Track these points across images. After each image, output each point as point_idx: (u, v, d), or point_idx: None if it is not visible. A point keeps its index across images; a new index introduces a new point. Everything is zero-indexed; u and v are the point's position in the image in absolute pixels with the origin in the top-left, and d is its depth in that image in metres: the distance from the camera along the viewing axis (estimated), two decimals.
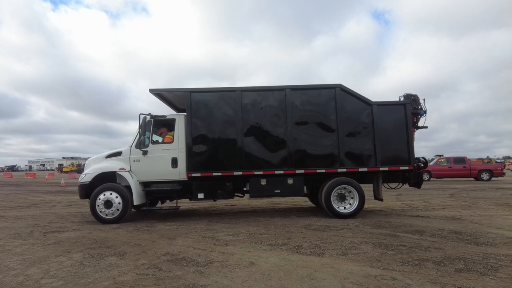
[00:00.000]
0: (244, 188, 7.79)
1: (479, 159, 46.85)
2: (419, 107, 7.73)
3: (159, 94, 7.89)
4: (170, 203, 8.73)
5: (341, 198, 7.38)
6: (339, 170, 7.40)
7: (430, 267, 3.87)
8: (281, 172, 7.37)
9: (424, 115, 7.75)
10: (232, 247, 4.94)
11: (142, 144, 7.36)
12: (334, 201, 7.33)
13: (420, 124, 7.82)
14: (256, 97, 7.53)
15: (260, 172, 7.35)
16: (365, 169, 7.45)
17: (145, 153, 7.36)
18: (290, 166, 7.38)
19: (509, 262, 4.00)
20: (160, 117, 7.68)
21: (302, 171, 7.38)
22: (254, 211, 8.83)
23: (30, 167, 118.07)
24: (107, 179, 7.38)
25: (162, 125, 7.80)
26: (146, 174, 7.39)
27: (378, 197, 7.76)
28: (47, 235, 6.02)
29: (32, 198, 13.46)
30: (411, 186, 7.95)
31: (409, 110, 7.55)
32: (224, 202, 10.57)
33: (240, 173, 7.34)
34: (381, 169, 7.45)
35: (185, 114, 7.66)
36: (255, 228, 6.41)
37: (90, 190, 7.27)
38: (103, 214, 7.11)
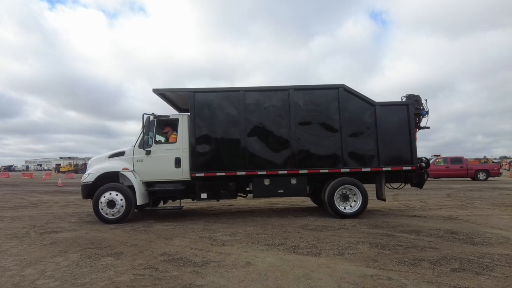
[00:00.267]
0: (247, 188, 7.80)
1: (476, 159, 47.09)
2: (421, 107, 7.75)
3: (162, 94, 7.89)
4: (172, 203, 8.71)
5: (344, 198, 7.40)
6: (342, 170, 7.40)
7: (426, 266, 3.89)
8: (284, 172, 7.38)
9: (426, 115, 7.76)
10: (229, 247, 4.94)
11: (145, 144, 7.36)
12: (337, 201, 7.33)
13: (422, 124, 7.83)
14: (259, 97, 7.55)
15: (264, 172, 7.36)
16: (368, 169, 7.46)
17: (148, 153, 7.35)
18: (294, 166, 7.38)
19: (504, 262, 4.03)
20: (164, 117, 7.68)
21: (306, 171, 7.39)
22: (251, 211, 8.84)
23: (27, 167, 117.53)
24: (110, 179, 7.37)
25: (165, 125, 7.81)
26: (149, 174, 7.39)
27: (380, 197, 7.77)
28: (44, 235, 6.00)
29: (29, 198, 13.40)
30: (413, 186, 7.97)
31: (411, 110, 7.57)
32: (221, 202, 10.57)
33: (244, 173, 7.35)
34: (384, 169, 7.46)
35: (188, 114, 7.68)
36: (253, 228, 6.42)
37: (92, 190, 7.26)
38: (106, 214, 7.10)
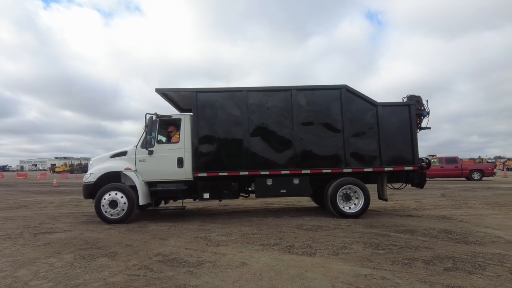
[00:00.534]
0: (249, 188, 7.81)
1: (471, 159, 47.46)
2: (422, 108, 7.79)
3: (164, 93, 7.88)
4: (173, 203, 8.71)
5: (346, 198, 7.42)
6: (344, 170, 7.42)
7: (420, 266, 3.92)
8: (287, 172, 7.39)
9: (427, 116, 7.80)
10: (224, 248, 4.94)
11: (148, 144, 7.34)
12: (340, 201, 7.35)
13: (423, 125, 7.87)
14: (262, 97, 7.56)
15: (266, 172, 7.36)
16: (370, 169, 7.48)
17: (150, 153, 7.33)
18: (296, 166, 7.39)
19: (496, 261, 4.07)
20: (166, 117, 7.67)
21: (308, 171, 7.40)
22: (247, 211, 8.84)
23: (22, 167, 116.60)
24: (112, 179, 7.34)
25: (168, 124, 7.80)
26: (151, 174, 7.37)
27: (382, 197, 7.79)
28: (38, 236, 5.96)
29: (23, 198, 13.29)
30: (414, 186, 8.00)
31: (413, 111, 7.60)
32: (216, 202, 10.56)
33: (246, 173, 7.35)
34: (386, 169, 7.48)
35: (190, 114, 7.68)
36: (248, 228, 6.42)
37: (94, 190, 7.22)
38: (108, 214, 7.07)
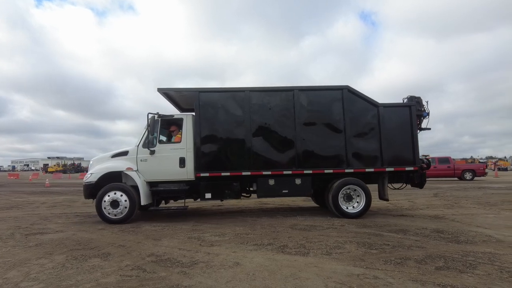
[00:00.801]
0: (251, 188, 7.81)
1: (463, 159, 48.02)
2: (422, 109, 7.85)
3: (166, 93, 7.86)
4: (175, 203, 8.71)
5: (348, 198, 7.45)
6: (346, 171, 7.46)
7: (412, 265, 3.96)
8: (289, 172, 7.40)
9: (427, 117, 7.86)
10: (217, 248, 4.93)
11: (150, 144, 7.31)
12: (341, 201, 7.38)
13: (423, 125, 7.93)
14: (264, 97, 7.57)
15: (269, 172, 7.37)
16: (371, 169, 7.52)
17: (152, 152, 7.30)
18: (298, 166, 7.41)
19: (487, 260, 4.12)
20: (168, 116, 7.65)
21: (310, 171, 7.42)
22: (241, 211, 8.84)
23: (13, 167, 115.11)
24: (113, 179, 7.30)
25: (169, 124, 7.78)
26: (153, 174, 7.34)
27: (383, 197, 7.84)
28: (29, 237, 5.89)
29: (14, 199, 13.13)
30: (413, 186, 8.07)
31: (414, 111, 7.66)
32: (211, 202, 10.55)
33: (249, 173, 7.35)
34: (387, 169, 7.53)
35: (192, 114, 7.67)
36: (242, 228, 6.42)
37: (95, 190, 7.18)
38: (109, 214, 7.03)
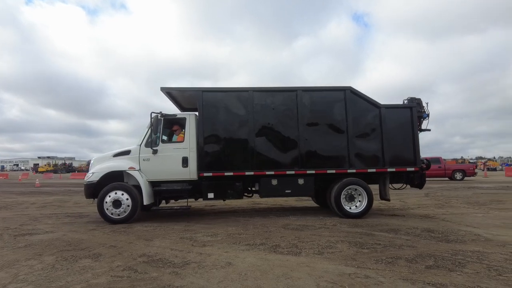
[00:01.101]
0: (253, 188, 7.81)
1: (454, 160, 48.68)
2: (423, 110, 7.93)
3: (168, 92, 7.82)
4: (176, 203, 8.69)
5: (350, 198, 7.48)
6: (348, 171, 7.49)
7: (402, 264, 4.00)
8: (292, 172, 7.42)
9: (427, 118, 7.94)
10: (210, 248, 4.92)
11: (153, 143, 7.27)
12: (344, 201, 7.42)
13: (423, 126, 7.99)
14: (267, 97, 7.58)
15: (272, 172, 7.37)
16: (373, 169, 7.56)
17: (155, 152, 7.26)
18: (301, 166, 7.43)
19: (475, 258, 4.18)
20: (171, 116, 7.60)
21: (313, 172, 7.44)
22: (234, 211, 8.83)
23: (3, 167, 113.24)
24: (114, 179, 7.24)
25: (172, 124, 7.74)
26: (156, 174, 7.29)
27: (384, 197, 7.88)
28: (18, 238, 5.80)
29: (3, 199, 12.91)
30: (413, 187, 8.12)
31: (415, 113, 7.72)
32: (204, 202, 10.51)
33: (252, 173, 7.35)
34: (388, 170, 7.58)
35: (195, 113, 7.66)
36: (234, 228, 6.42)
37: (96, 189, 7.11)
38: (111, 214, 6.97)
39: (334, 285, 3.37)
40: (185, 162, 7.30)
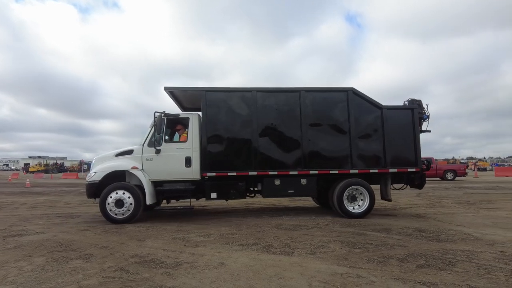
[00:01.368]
0: (256, 188, 7.81)
1: (445, 160, 49.29)
2: (423, 111, 7.99)
3: (171, 92, 7.79)
4: (178, 203, 8.64)
5: (352, 199, 7.51)
6: (351, 171, 7.53)
7: (394, 264, 4.03)
8: (295, 172, 7.43)
9: (427, 119, 8.01)
10: (202, 248, 4.91)
11: (156, 143, 7.24)
12: (346, 201, 7.44)
13: (423, 128, 8.06)
14: (271, 98, 7.59)
15: (275, 172, 7.38)
16: (375, 170, 7.60)
17: (158, 151, 7.23)
18: (304, 166, 7.44)
19: (465, 257, 4.24)
20: (174, 115, 7.59)
21: (316, 172, 7.46)
22: (227, 211, 8.82)
23: None
24: (116, 178, 7.19)
25: (175, 124, 7.72)
26: (158, 173, 7.26)
27: (386, 197, 7.92)
28: (7, 239, 5.71)
29: None
30: (413, 187, 8.18)
31: (416, 114, 7.78)
32: (197, 202, 10.47)
33: (255, 173, 7.35)
34: (390, 170, 7.62)
35: (198, 113, 7.64)
36: (227, 228, 6.41)
37: (98, 189, 7.06)
38: (113, 213, 6.92)
39: (326, 284, 3.39)
40: (188, 162, 7.29)
